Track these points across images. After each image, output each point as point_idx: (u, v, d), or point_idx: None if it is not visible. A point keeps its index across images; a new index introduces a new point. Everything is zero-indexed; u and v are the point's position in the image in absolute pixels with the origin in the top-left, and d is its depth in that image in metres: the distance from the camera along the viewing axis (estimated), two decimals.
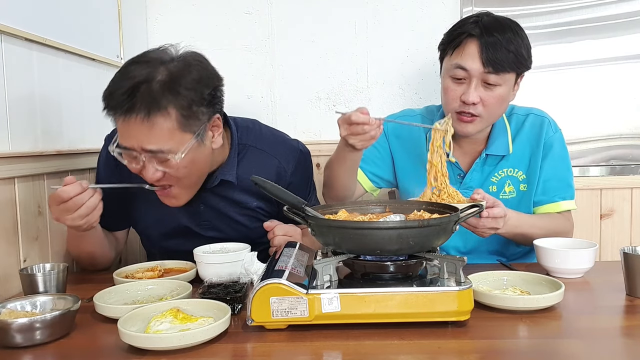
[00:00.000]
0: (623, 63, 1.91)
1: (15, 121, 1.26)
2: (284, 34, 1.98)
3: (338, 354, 0.82)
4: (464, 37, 1.32)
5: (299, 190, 1.40)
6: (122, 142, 1.17)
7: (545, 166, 1.43)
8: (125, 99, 1.11)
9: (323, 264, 0.92)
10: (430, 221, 0.92)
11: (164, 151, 1.15)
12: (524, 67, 1.35)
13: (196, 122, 1.17)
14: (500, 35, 1.29)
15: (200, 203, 1.36)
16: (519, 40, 1.31)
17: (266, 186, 1.03)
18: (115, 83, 1.15)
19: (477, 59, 1.29)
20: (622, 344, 0.84)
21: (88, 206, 1.14)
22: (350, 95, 2.00)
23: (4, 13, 1.21)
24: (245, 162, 1.37)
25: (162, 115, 1.12)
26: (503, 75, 1.31)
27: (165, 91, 1.12)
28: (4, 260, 1.20)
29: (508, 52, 1.29)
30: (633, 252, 1.05)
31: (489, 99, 1.32)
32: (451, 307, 0.87)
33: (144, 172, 1.19)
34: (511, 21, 1.35)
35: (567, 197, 1.44)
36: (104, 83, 1.17)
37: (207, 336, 0.84)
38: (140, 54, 1.21)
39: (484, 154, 1.44)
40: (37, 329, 0.86)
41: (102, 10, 1.69)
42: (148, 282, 1.11)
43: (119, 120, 1.15)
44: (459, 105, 1.34)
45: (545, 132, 1.44)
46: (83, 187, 1.13)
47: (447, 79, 1.37)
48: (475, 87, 1.31)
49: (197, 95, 1.16)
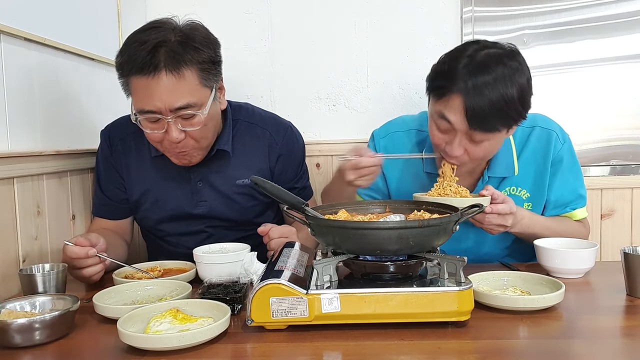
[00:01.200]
0: (623, 63, 1.91)
1: (14, 121, 1.26)
2: (284, 33, 1.98)
3: (338, 354, 0.82)
4: (448, 91, 1.18)
5: (290, 166, 1.47)
6: (145, 106, 1.20)
7: (556, 183, 1.36)
8: (151, 58, 1.16)
9: (323, 264, 0.91)
10: (431, 221, 0.92)
11: (191, 105, 1.20)
12: (518, 121, 1.21)
13: (212, 77, 1.25)
14: (490, 90, 1.13)
15: (198, 180, 1.40)
16: (513, 95, 1.15)
17: (266, 186, 1.03)
18: (131, 49, 1.19)
19: (462, 116, 1.16)
20: (622, 344, 0.84)
21: (84, 274, 1.18)
22: (350, 95, 1.99)
23: (4, 13, 1.21)
24: (238, 136, 1.43)
25: (188, 69, 1.19)
26: (492, 134, 1.19)
27: (186, 48, 1.19)
28: (3, 260, 1.20)
29: (497, 112, 1.15)
30: (633, 252, 1.05)
31: (475, 152, 1.22)
32: (451, 307, 0.87)
33: (167, 134, 1.22)
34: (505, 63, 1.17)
35: (578, 207, 1.39)
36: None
37: (206, 336, 0.84)
38: (143, 25, 1.24)
39: (486, 176, 1.35)
40: (36, 329, 0.86)
41: (102, 10, 1.69)
42: (148, 283, 1.11)
43: (142, 82, 1.18)
44: (442, 149, 1.26)
45: (554, 146, 1.35)
46: (89, 254, 1.16)
47: (432, 123, 1.26)
48: (459, 142, 1.21)
49: (212, 52, 1.24)
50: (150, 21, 1.25)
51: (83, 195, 1.54)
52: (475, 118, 1.15)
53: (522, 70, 1.19)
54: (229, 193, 1.42)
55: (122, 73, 1.22)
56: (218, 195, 1.41)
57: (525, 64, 1.23)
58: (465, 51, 1.20)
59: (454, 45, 1.30)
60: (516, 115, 1.18)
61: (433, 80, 1.25)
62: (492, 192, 1.19)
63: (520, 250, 1.42)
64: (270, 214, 1.52)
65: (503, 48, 1.22)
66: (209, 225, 1.44)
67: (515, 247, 1.42)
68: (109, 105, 1.68)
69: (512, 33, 1.92)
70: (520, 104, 1.17)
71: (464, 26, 1.91)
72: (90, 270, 1.18)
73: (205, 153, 1.35)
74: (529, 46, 1.93)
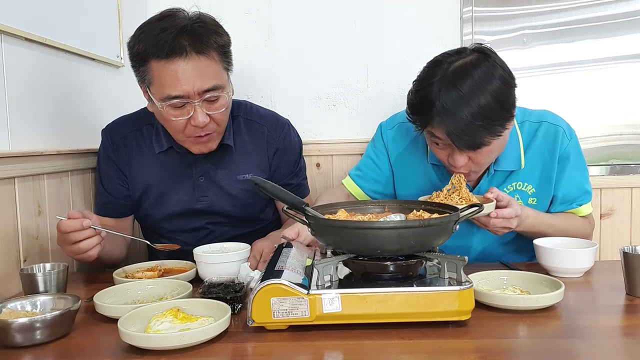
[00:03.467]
0: (622, 63, 1.91)
1: (15, 121, 1.26)
2: (284, 33, 1.98)
3: (339, 354, 0.82)
4: (428, 124, 1.18)
5: (287, 161, 1.49)
6: (173, 92, 1.21)
7: (563, 179, 1.36)
8: (178, 42, 1.18)
9: (323, 264, 0.92)
10: (431, 221, 0.92)
11: (218, 87, 1.23)
12: (506, 126, 1.19)
13: (229, 62, 1.30)
14: (464, 109, 1.11)
15: (200, 175, 1.41)
16: (487, 101, 1.12)
17: (266, 186, 1.03)
18: (152, 35, 1.19)
19: (450, 142, 1.17)
20: (622, 344, 0.84)
21: (81, 247, 1.16)
22: (350, 95, 1.99)
23: (4, 13, 1.21)
24: (238, 132, 1.44)
25: (214, 51, 1.23)
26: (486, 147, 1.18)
27: (208, 31, 1.23)
28: (4, 260, 1.20)
29: (481, 130, 1.13)
30: (633, 251, 1.05)
31: (478, 158, 1.22)
32: (452, 307, 0.87)
33: (194, 119, 1.23)
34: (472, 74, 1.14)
35: (584, 202, 1.41)
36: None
37: (207, 336, 0.84)
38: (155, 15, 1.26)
39: (493, 169, 1.35)
40: (37, 329, 0.86)
41: (102, 10, 1.68)
42: (148, 282, 1.11)
43: (170, 67, 1.19)
44: (448, 164, 1.27)
45: (561, 142, 1.35)
46: (83, 225, 1.15)
47: (429, 140, 1.27)
48: (460, 154, 1.20)
49: (227, 37, 1.29)
50: (161, 11, 1.26)
51: (84, 195, 1.54)
52: (460, 140, 1.15)
53: (491, 75, 1.15)
54: (230, 189, 1.43)
55: (142, 61, 1.21)
56: (219, 191, 1.43)
57: (495, 61, 1.18)
58: (432, 78, 1.17)
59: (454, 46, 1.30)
60: (501, 120, 1.16)
61: (411, 115, 1.25)
62: (497, 195, 1.18)
63: (524, 247, 1.42)
64: (270, 211, 1.53)
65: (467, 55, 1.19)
66: (209, 221, 1.45)
67: (519, 244, 1.43)
68: (109, 105, 1.68)
69: (511, 33, 1.92)
70: (500, 108, 1.15)
71: (463, 26, 1.92)
72: (86, 243, 1.15)
73: (219, 139, 1.37)
74: (529, 46, 1.93)
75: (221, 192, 1.43)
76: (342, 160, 2.00)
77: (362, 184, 1.52)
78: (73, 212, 1.16)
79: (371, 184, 1.51)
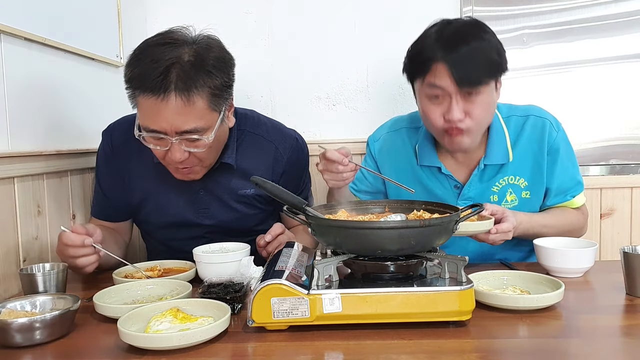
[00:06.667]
0: (623, 63, 1.91)
1: (14, 121, 1.26)
2: (284, 33, 1.98)
3: (339, 354, 0.82)
4: (430, 63, 1.25)
5: (293, 180, 1.45)
6: (151, 125, 1.17)
7: (556, 171, 1.38)
8: (162, 80, 1.12)
9: (324, 264, 0.91)
10: (432, 221, 0.92)
11: (198, 130, 1.18)
12: (500, 72, 1.29)
13: (222, 101, 1.22)
14: (465, 48, 1.22)
15: (200, 189, 1.38)
16: (486, 47, 1.24)
17: (266, 186, 1.03)
18: (143, 64, 1.15)
19: (450, 79, 1.23)
20: (622, 343, 0.84)
21: (77, 264, 1.16)
22: (350, 95, 2.00)
23: (4, 13, 1.21)
24: (243, 147, 1.40)
25: (198, 95, 1.16)
26: (482, 87, 1.25)
27: (199, 71, 1.16)
28: (3, 259, 1.20)
29: (478, 64, 1.23)
30: (633, 251, 1.05)
31: (474, 110, 1.26)
32: (453, 307, 0.87)
33: (170, 154, 1.21)
34: (473, 26, 1.28)
35: (577, 193, 1.42)
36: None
37: (206, 336, 0.84)
38: (159, 35, 1.21)
39: (482, 164, 1.37)
40: (36, 329, 0.86)
41: (101, 10, 1.69)
42: (148, 282, 1.11)
43: (151, 102, 1.14)
44: (444, 123, 1.28)
45: (548, 134, 1.37)
46: (85, 243, 1.14)
47: (425, 100, 1.31)
48: (456, 105, 1.25)
49: (225, 75, 1.21)
50: (165, 31, 1.21)
51: (83, 194, 1.54)
52: (462, 78, 1.22)
53: (485, 29, 1.29)
54: (231, 202, 1.40)
55: (130, 87, 1.18)
56: (220, 204, 1.40)
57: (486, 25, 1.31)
58: (432, 28, 1.31)
59: None
60: (496, 65, 1.26)
61: (412, 62, 1.32)
62: (491, 210, 1.21)
63: (523, 241, 1.42)
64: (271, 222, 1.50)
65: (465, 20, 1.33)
66: (209, 231, 1.42)
67: (517, 239, 1.42)
68: (109, 105, 1.68)
69: (511, 33, 1.92)
70: (496, 53, 1.26)
71: None
72: (84, 260, 1.16)
73: (207, 170, 1.33)
74: (529, 46, 1.93)
75: (221, 205, 1.40)
76: None
77: (358, 196, 1.53)
78: (77, 227, 1.16)
79: (364, 195, 1.53)
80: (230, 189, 1.39)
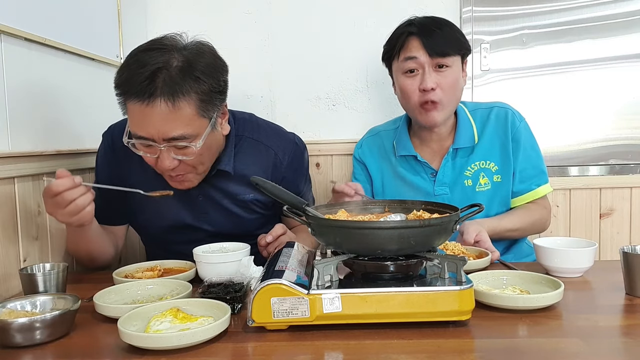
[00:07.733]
0: (622, 63, 1.91)
1: (15, 121, 1.26)
2: (284, 33, 1.98)
3: (339, 354, 0.82)
4: (405, 37, 1.47)
5: (293, 184, 1.44)
6: (139, 132, 1.16)
7: (519, 157, 1.51)
8: (148, 85, 1.11)
9: (324, 264, 0.92)
10: (432, 221, 0.92)
11: (186, 137, 1.16)
12: (465, 50, 1.49)
13: (212, 107, 1.20)
14: (436, 27, 1.45)
15: (199, 194, 1.37)
16: (454, 28, 1.49)
17: (266, 186, 1.03)
18: (131, 70, 1.14)
19: (423, 50, 1.44)
20: (621, 343, 0.84)
21: (77, 204, 1.12)
22: (350, 95, 2.00)
23: (4, 13, 1.21)
24: (242, 153, 1.39)
25: (185, 100, 1.13)
26: (450, 58, 1.44)
27: (186, 76, 1.13)
28: (3, 259, 1.20)
29: (447, 39, 1.44)
30: (632, 251, 1.05)
31: (444, 83, 1.44)
32: (453, 306, 0.87)
33: (160, 161, 1.19)
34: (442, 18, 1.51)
35: (542, 183, 1.53)
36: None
37: (207, 336, 0.84)
38: (150, 41, 1.21)
39: (452, 148, 1.52)
40: (37, 329, 0.86)
41: (101, 10, 1.69)
42: (148, 282, 1.11)
43: (137, 107, 1.13)
44: (419, 96, 1.45)
45: (511, 122, 1.51)
46: (75, 182, 1.11)
47: (401, 77, 1.49)
48: (429, 74, 1.43)
49: (214, 81, 1.19)
50: (156, 38, 1.21)
51: None
52: (433, 49, 1.43)
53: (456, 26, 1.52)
54: (230, 207, 1.40)
55: (119, 93, 1.17)
56: (219, 209, 1.40)
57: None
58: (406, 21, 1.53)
59: None
60: (462, 43, 1.48)
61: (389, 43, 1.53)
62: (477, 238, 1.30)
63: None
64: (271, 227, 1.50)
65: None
66: (209, 235, 1.40)
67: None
68: (109, 105, 1.66)
69: (511, 33, 1.93)
70: (461, 35, 1.49)
71: (463, 26, 1.92)
72: (82, 200, 1.11)
73: (202, 177, 1.32)
74: (528, 46, 1.93)
75: (221, 210, 1.40)
76: (342, 160, 2.00)
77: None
78: (61, 171, 1.11)
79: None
80: (229, 195, 1.39)
